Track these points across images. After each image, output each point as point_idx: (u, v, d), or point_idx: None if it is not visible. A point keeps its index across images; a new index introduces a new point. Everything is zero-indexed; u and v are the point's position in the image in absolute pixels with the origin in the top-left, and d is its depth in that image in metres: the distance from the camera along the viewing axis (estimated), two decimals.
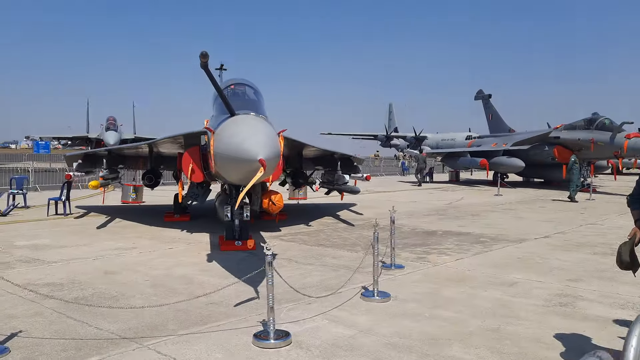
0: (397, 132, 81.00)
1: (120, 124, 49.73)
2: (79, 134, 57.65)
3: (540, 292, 7.13)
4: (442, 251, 10.18)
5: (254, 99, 10.02)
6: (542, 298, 6.87)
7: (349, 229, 13.15)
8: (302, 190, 18.50)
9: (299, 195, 19.19)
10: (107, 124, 48.86)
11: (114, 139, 43.91)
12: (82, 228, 12.70)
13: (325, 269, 8.54)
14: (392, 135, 79.17)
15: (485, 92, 39.30)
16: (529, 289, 7.34)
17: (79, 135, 57.36)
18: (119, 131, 47.87)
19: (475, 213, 16.75)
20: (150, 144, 13.44)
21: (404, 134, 75.66)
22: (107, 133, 46.39)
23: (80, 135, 57.23)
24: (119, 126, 49.11)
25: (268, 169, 6.86)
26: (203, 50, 6.65)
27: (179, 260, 9.01)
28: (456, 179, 35.63)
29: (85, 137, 55.04)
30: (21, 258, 9.06)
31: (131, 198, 19.11)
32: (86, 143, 52.74)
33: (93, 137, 52.08)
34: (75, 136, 58.05)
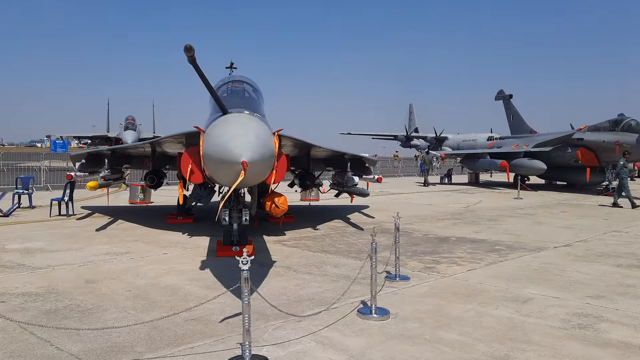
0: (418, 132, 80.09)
1: (139, 124, 49.81)
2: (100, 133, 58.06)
3: (556, 311, 6.42)
4: (453, 260, 9.49)
5: (251, 97, 9.47)
6: (559, 318, 6.16)
7: (357, 233, 12.52)
8: (314, 191, 17.93)
9: (311, 196, 18.62)
10: (125, 123, 49.02)
11: (132, 138, 43.87)
12: (80, 230, 12.29)
13: (325, 279, 7.92)
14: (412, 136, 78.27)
15: (506, 92, 38.26)
16: (545, 306, 6.63)
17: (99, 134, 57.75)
18: (137, 130, 47.93)
19: (493, 218, 15.96)
20: (152, 143, 12.98)
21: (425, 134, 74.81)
22: (126, 132, 46.49)
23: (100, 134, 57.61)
24: (137, 125, 49.18)
25: (252, 171, 6.31)
26: (187, 44, 6.08)
27: (170, 268, 8.49)
28: (475, 181, 34.69)
29: (105, 136, 55.35)
30: (6, 263, 8.63)
31: (139, 198, 18.73)
32: (106, 142, 52.93)
33: (112, 136, 52.31)
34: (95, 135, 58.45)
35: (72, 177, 13.37)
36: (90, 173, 14.45)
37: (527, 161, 28.48)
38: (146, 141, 13.90)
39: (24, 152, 59.78)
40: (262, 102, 10.36)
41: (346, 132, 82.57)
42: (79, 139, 64.38)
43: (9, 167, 35.56)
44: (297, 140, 11.62)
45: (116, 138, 48.51)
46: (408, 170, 46.87)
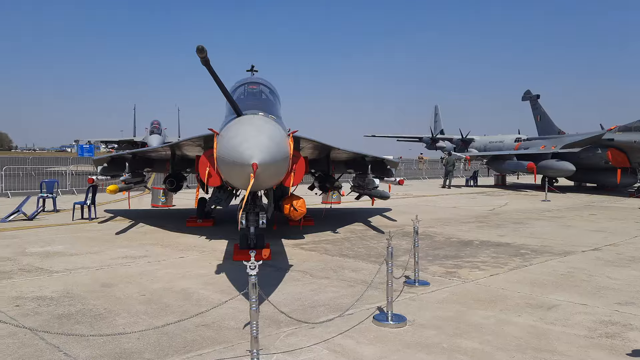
0: (443, 134, 79.24)
1: (164, 128, 50.39)
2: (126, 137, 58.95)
3: (583, 319, 6.13)
4: (475, 265, 9.21)
5: (267, 98, 9.35)
6: (585, 326, 5.87)
7: (377, 237, 12.29)
8: (335, 194, 17.75)
9: (333, 199, 18.43)
10: (151, 128, 49.64)
11: (157, 142, 44.30)
12: (100, 234, 12.33)
13: (342, 284, 7.74)
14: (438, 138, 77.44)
15: (533, 93, 37.50)
16: (571, 314, 6.34)
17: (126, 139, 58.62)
18: (162, 134, 48.48)
19: (519, 221, 15.55)
20: (172, 146, 12.96)
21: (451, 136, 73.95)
22: (151, 136, 47.04)
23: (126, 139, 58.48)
24: (163, 130, 49.75)
25: (264, 174, 6.19)
26: (199, 45, 5.99)
27: (186, 271, 8.41)
28: (502, 183, 34.04)
29: (131, 140, 56.14)
30: (25, 267, 8.66)
31: (161, 202, 18.76)
32: (132, 146, 53.66)
33: (138, 140, 53.00)
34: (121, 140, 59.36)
35: (93, 180, 13.44)
36: (112, 177, 14.53)
37: (555, 162, 27.82)
38: (166, 144, 13.91)
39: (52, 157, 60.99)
40: (278, 104, 10.23)
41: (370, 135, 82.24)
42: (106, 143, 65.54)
43: (38, 172, 36.19)
44: (317, 142, 11.45)
45: (142, 142, 49.12)
46: (433, 172, 46.34)
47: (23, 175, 30.38)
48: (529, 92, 37.93)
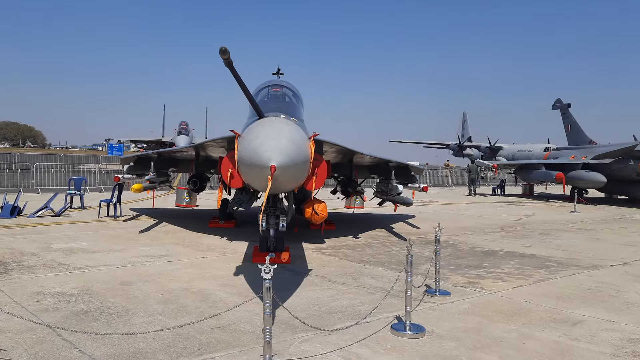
0: (471, 141, 78.39)
1: (192, 129, 50.99)
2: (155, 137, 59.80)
3: (610, 336, 5.91)
4: (498, 276, 9.00)
5: (289, 101, 9.32)
6: (612, 344, 5.66)
7: (399, 244, 12.13)
8: (358, 199, 17.65)
9: (355, 204, 18.34)
10: (179, 128, 50.31)
11: (184, 142, 44.85)
12: (124, 232, 12.45)
13: (360, 291, 7.63)
14: (465, 145, 76.66)
15: (564, 101, 36.80)
16: (597, 330, 6.12)
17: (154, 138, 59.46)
18: (190, 135, 49.05)
19: (546, 232, 15.21)
20: (196, 146, 13.04)
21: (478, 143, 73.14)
22: (179, 137, 47.68)
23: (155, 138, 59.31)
24: (190, 131, 50.33)
25: (283, 176, 6.14)
26: (222, 47, 5.97)
27: (205, 272, 8.41)
28: (530, 192, 33.43)
29: (160, 140, 56.92)
30: (48, 262, 8.77)
31: (185, 201, 18.93)
32: (160, 146, 54.47)
33: (166, 141, 53.75)
34: (150, 139, 60.24)
35: (119, 179, 13.60)
36: (138, 176, 14.67)
37: (586, 173, 27.19)
38: (190, 145, 14.01)
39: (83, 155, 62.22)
40: (301, 107, 10.20)
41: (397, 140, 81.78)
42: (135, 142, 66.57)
43: (68, 169, 36.92)
44: (340, 146, 11.38)
45: (170, 142, 49.81)
46: (459, 180, 45.73)
47: (53, 172, 30.98)
48: (560, 100, 37.25)
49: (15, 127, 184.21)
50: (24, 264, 8.56)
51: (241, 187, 11.43)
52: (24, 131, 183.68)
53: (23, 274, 7.92)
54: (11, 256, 9.15)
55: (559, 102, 37.26)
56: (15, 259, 8.95)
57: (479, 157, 66.97)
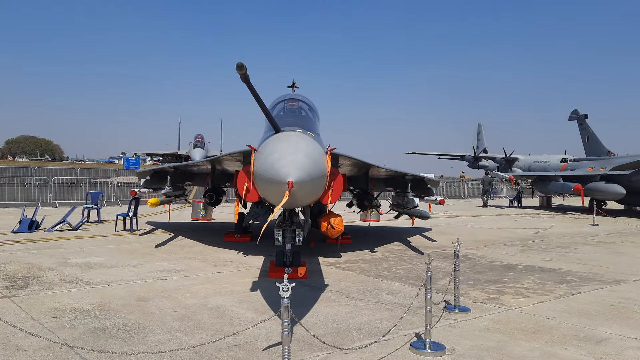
0: (486, 152, 77.87)
1: (207, 142, 51.24)
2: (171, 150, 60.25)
3: (635, 355, 5.74)
4: (519, 291, 8.84)
5: (305, 115, 9.31)
6: None
7: (416, 258, 12.00)
8: (374, 212, 17.56)
9: (371, 217, 18.24)
10: (194, 142, 50.58)
11: (199, 155, 45.05)
12: (140, 246, 12.48)
13: (378, 307, 7.53)
14: (481, 156, 76.18)
15: (580, 112, 36.40)
16: (622, 348, 5.95)
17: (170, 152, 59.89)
18: (205, 148, 49.28)
19: (565, 245, 14.97)
20: (212, 160, 13.09)
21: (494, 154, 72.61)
22: (194, 150, 47.90)
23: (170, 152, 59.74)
24: (206, 143, 50.58)
25: (300, 192, 6.10)
26: (239, 62, 5.97)
27: (221, 288, 8.36)
28: (547, 204, 33.06)
29: (175, 153, 57.29)
30: (66, 278, 8.79)
31: (201, 215, 18.97)
32: (176, 159, 54.80)
33: (182, 154, 54.07)
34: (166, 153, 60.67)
35: (136, 193, 13.64)
36: (154, 190, 14.73)
37: (604, 185, 26.81)
38: (206, 159, 14.04)
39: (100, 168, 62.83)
40: (317, 121, 10.19)
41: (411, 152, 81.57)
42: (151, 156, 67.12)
43: (85, 183, 37.29)
44: (355, 160, 11.34)
45: (185, 155, 50.08)
46: (475, 191, 45.34)
47: (71, 186, 31.30)
48: (577, 111, 36.84)
49: (34, 140, 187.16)
50: (42, 280, 8.59)
51: (257, 201, 11.44)
52: (42, 145, 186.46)
53: (41, 289, 7.94)
54: (29, 271, 9.20)
55: (576, 112, 36.85)
56: (33, 274, 8.99)
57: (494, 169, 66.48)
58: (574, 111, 37.08)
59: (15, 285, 8.14)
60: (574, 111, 37.08)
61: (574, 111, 37.08)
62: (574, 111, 37.08)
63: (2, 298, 7.35)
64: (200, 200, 18.79)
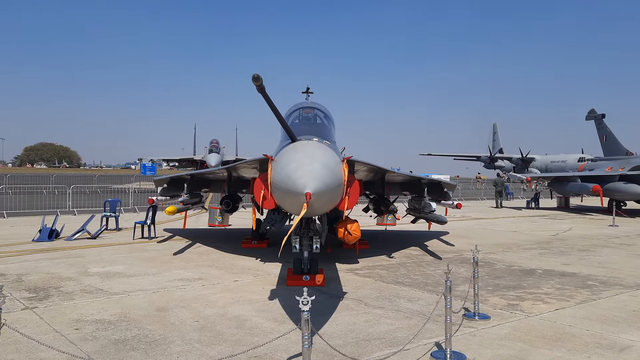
0: (502, 153, 77.34)
1: (222, 147, 51.49)
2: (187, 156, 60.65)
3: None
4: (539, 297, 8.75)
5: (322, 123, 9.32)
6: None
7: (434, 263, 11.94)
8: (390, 216, 17.50)
9: (387, 221, 18.20)
10: (210, 147, 50.83)
11: (215, 160, 45.26)
12: (159, 254, 12.57)
13: (398, 315, 7.51)
14: (497, 157, 75.67)
15: (597, 112, 35.99)
16: None
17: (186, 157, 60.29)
18: (220, 153, 49.49)
19: (585, 248, 14.80)
20: (228, 168, 13.15)
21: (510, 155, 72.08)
22: (210, 155, 48.12)
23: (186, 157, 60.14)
24: (221, 148, 50.82)
25: (318, 202, 6.11)
26: (255, 74, 6.02)
27: (239, 296, 8.39)
28: (565, 205, 32.71)
29: (191, 159, 57.63)
30: (86, 288, 8.89)
31: (217, 221, 19.11)
32: (192, 164, 55.14)
33: (198, 159, 54.37)
34: (182, 158, 61.07)
35: (153, 201, 13.73)
36: (171, 197, 14.82)
37: (623, 185, 26.47)
38: (223, 166, 14.11)
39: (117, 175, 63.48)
40: (332, 128, 10.20)
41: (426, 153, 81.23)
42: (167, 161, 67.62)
43: (103, 190, 37.68)
44: (371, 165, 11.33)
45: (201, 161, 50.38)
46: (492, 193, 44.97)
47: (89, 193, 31.66)
48: (594, 111, 36.44)
49: (52, 148, 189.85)
50: (63, 290, 8.69)
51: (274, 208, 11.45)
52: (59, 152, 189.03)
53: (62, 300, 8.04)
54: (50, 281, 9.31)
55: (593, 112, 36.46)
56: (54, 284, 9.11)
57: (510, 169, 66.03)
58: (591, 111, 36.69)
59: (36, 296, 8.25)
60: (591, 111, 36.69)
61: (591, 111, 36.69)
62: (591, 111, 36.69)
63: (24, 309, 7.46)
64: (216, 207, 18.89)
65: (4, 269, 10.35)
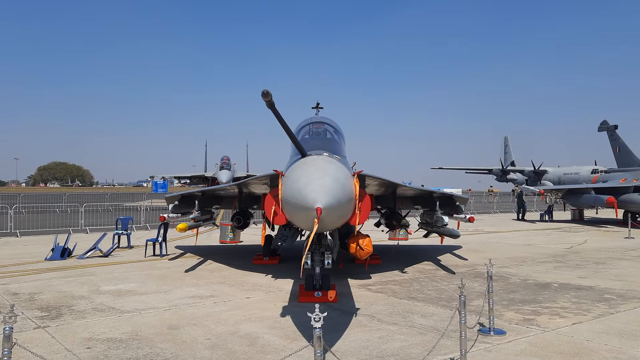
0: (514, 165, 76.90)
1: (233, 163, 51.66)
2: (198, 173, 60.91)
3: None
4: (555, 311, 8.60)
5: (332, 138, 9.31)
6: None
7: (448, 277, 11.81)
8: (402, 230, 17.39)
9: (399, 235, 18.09)
10: (221, 163, 51.02)
11: (226, 177, 45.36)
12: (170, 272, 12.55)
13: (411, 331, 7.40)
14: (509, 170, 75.26)
15: (610, 123, 35.70)
16: None
17: (197, 174, 60.54)
18: (232, 170, 49.64)
19: (600, 260, 14.57)
20: (239, 184, 13.16)
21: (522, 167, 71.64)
22: (221, 172, 48.28)
23: (197, 174, 60.39)
24: (232, 165, 50.98)
25: (329, 217, 6.06)
26: (264, 90, 6.05)
27: (251, 314, 8.33)
28: (579, 217, 32.32)
29: (202, 175, 57.84)
30: (98, 306, 8.87)
31: (229, 238, 19.16)
32: (203, 181, 55.33)
33: (209, 176, 54.55)
34: (193, 175, 61.32)
35: (164, 218, 13.74)
36: (183, 214, 14.83)
37: (638, 197, 26.13)
38: (233, 183, 14.12)
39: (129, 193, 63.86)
40: (343, 143, 10.19)
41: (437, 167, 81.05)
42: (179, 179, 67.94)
43: (115, 207, 37.88)
44: (382, 180, 11.29)
45: (212, 177, 50.53)
46: (504, 206, 44.67)
47: (101, 211, 31.80)
48: (606, 122, 36.15)
49: (64, 167, 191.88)
50: (75, 308, 8.68)
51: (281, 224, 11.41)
52: (72, 170, 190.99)
53: (74, 318, 8.02)
54: (62, 300, 9.32)
55: (605, 123, 36.15)
56: (66, 303, 9.10)
57: (523, 182, 65.56)
58: (604, 122, 36.41)
59: (49, 315, 8.25)
60: (604, 122, 36.41)
61: (604, 122, 36.41)
62: (604, 122, 36.41)
63: (36, 329, 7.45)
64: (228, 223, 18.91)
65: (17, 288, 10.38)
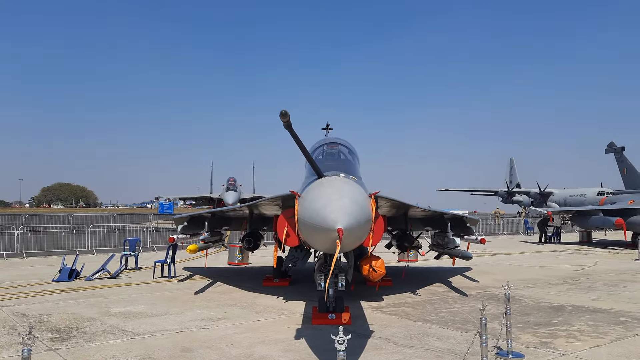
0: (520, 187, 76.84)
1: (239, 184, 51.63)
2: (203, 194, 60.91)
3: None
4: (572, 334, 8.47)
5: (346, 159, 9.30)
6: None
7: (460, 299, 11.68)
8: (412, 252, 17.26)
9: (409, 257, 17.94)
10: (227, 185, 50.99)
11: (232, 198, 45.26)
12: (180, 293, 12.46)
13: (428, 354, 7.28)
14: (515, 191, 75.17)
15: (617, 145, 35.68)
16: None
17: (202, 195, 60.54)
18: (238, 191, 49.58)
19: (613, 283, 14.41)
20: (250, 205, 13.12)
21: (527, 189, 71.55)
22: (227, 193, 48.20)
23: (203, 195, 60.37)
24: (238, 186, 50.95)
25: (349, 238, 6.00)
26: (282, 110, 6.07)
27: (265, 336, 8.22)
28: (587, 239, 32.09)
29: (208, 197, 57.82)
30: (109, 328, 8.78)
31: (237, 259, 19.01)
32: (209, 203, 55.30)
33: (215, 197, 54.51)
34: (199, 196, 61.32)
35: (174, 239, 13.68)
36: (192, 235, 14.78)
37: None
38: (244, 204, 14.07)
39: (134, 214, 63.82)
40: (357, 164, 10.18)
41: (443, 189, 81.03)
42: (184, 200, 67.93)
43: (120, 229, 37.83)
44: (394, 201, 11.24)
45: (218, 199, 50.46)
46: (512, 227, 44.37)
47: (107, 232, 31.77)
48: (613, 144, 36.14)
49: (69, 188, 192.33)
50: (85, 331, 8.60)
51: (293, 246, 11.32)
52: (76, 191, 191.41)
53: (85, 341, 7.93)
54: (72, 322, 9.23)
55: (612, 145, 36.15)
56: (76, 325, 9.02)
57: (529, 204, 65.39)
58: (611, 144, 36.40)
59: (59, 337, 8.17)
60: (611, 144, 36.40)
61: (611, 144, 36.40)
62: (611, 144, 36.40)
63: (47, 351, 7.37)
64: (236, 245, 18.81)
65: (25, 310, 10.31)
